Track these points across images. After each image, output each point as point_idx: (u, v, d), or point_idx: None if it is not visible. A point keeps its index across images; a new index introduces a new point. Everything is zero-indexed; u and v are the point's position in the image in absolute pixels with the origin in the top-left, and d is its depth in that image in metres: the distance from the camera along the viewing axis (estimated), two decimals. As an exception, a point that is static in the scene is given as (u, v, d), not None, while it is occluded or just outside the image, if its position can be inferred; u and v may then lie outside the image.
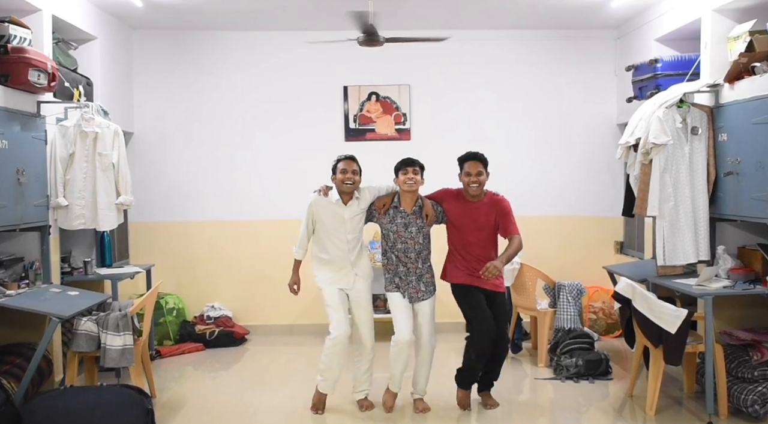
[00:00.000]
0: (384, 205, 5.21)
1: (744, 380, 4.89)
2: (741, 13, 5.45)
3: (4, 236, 5.48)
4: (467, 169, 5.19)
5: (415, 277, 5.19)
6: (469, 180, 5.14)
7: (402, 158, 5.25)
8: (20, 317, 5.02)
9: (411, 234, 5.16)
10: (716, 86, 5.44)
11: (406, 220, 5.18)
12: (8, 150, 4.93)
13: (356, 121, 7.83)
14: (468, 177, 5.16)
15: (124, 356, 5.09)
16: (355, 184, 5.17)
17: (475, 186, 5.12)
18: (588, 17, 7.30)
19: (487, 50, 7.84)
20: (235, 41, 7.76)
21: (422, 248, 5.20)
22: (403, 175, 5.14)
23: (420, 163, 5.22)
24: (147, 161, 7.61)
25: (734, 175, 5.16)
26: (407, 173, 5.12)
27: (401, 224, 5.17)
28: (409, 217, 5.18)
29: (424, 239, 5.20)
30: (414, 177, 5.12)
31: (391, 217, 5.19)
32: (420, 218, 5.18)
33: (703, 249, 5.44)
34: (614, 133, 7.70)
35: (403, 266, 5.19)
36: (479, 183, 5.14)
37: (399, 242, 5.18)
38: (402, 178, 5.15)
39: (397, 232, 5.18)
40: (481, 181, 5.16)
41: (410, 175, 5.11)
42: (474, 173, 5.14)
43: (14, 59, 4.94)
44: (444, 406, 5.38)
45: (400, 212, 5.19)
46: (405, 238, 5.17)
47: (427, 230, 5.23)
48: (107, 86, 6.83)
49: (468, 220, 5.16)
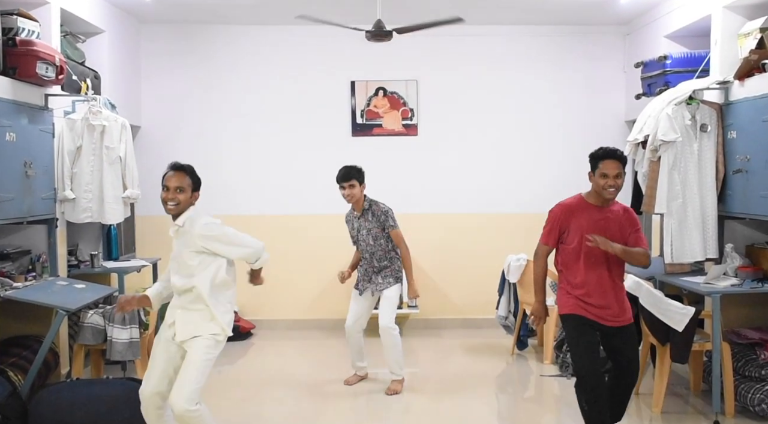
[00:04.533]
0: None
1: (751, 379, 4.87)
2: (752, 10, 5.41)
3: (12, 229, 5.49)
4: (604, 169, 4.25)
5: (373, 273, 5.65)
6: (606, 183, 4.22)
7: (340, 171, 5.60)
8: (27, 309, 5.04)
9: (362, 235, 5.65)
10: (726, 83, 5.41)
11: (358, 223, 5.67)
12: (16, 143, 4.94)
13: (363, 116, 7.82)
14: (605, 179, 4.23)
15: (130, 349, 5.11)
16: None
17: (612, 191, 4.23)
18: (597, 13, 7.27)
19: (495, 46, 7.82)
20: (242, 35, 7.75)
21: (374, 248, 5.60)
22: (342, 190, 5.57)
23: (355, 174, 5.55)
24: (154, 155, 7.61)
25: (743, 172, 5.13)
26: (344, 189, 5.55)
27: (356, 227, 5.69)
28: (359, 220, 5.65)
29: (374, 240, 5.60)
30: (351, 191, 5.54)
31: (351, 220, 5.74)
32: (368, 220, 5.61)
33: (711, 247, 5.41)
34: (623, 129, 7.67)
35: (367, 263, 5.68)
36: (617, 187, 4.24)
37: (361, 241, 5.68)
38: (342, 193, 5.59)
39: (353, 235, 5.74)
40: (619, 185, 4.25)
41: (347, 191, 5.54)
42: (612, 175, 4.22)
43: (22, 52, 4.93)
44: (444, 404, 5.38)
45: (355, 216, 5.69)
46: (360, 240, 5.68)
47: (377, 232, 5.59)
48: (115, 80, 6.83)
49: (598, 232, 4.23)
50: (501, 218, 7.74)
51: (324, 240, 7.61)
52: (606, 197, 4.26)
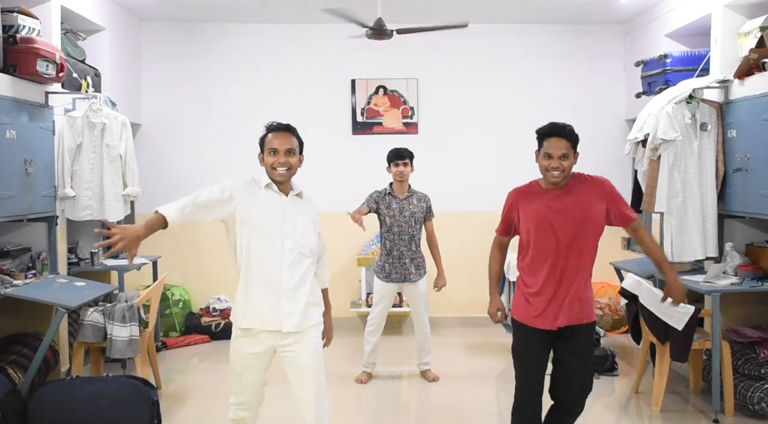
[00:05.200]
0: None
1: (751, 378, 4.87)
2: (752, 9, 5.41)
3: (12, 226, 5.50)
4: (548, 148, 3.73)
5: (409, 260, 5.61)
6: (549, 164, 3.71)
7: (393, 149, 5.73)
8: (27, 307, 5.04)
9: (404, 217, 5.60)
10: (726, 82, 5.41)
11: (400, 205, 5.62)
12: (16, 140, 4.94)
13: (364, 114, 7.82)
14: (548, 160, 3.71)
15: (130, 347, 5.11)
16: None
17: (556, 173, 3.70)
18: (598, 12, 7.27)
19: (495, 44, 7.82)
20: (243, 33, 7.75)
21: (413, 231, 5.62)
22: (395, 167, 5.65)
23: (408, 154, 5.69)
24: (154, 153, 7.62)
25: (743, 171, 5.13)
26: (398, 166, 5.63)
27: (396, 209, 5.61)
28: (402, 202, 5.62)
29: (415, 223, 5.62)
30: (404, 169, 5.64)
31: (387, 203, 5.63)
32: (413, 203, 5.64)
33: (711, 246, 5.41)
34: (623, 128, 7.67)
35: (397, 250, 5.60)
36: (563, 170, 3.68)
37: (395, 225, 5.59)
38: (394, 170, 5.66)
39: (393, 216, 5.61)
40: (566, 167, 3.68)
41: (400, 168, 5.63)
42: (557, 155, 3.68)
43: (23, 49, 4.93)
44: (444, 405, 5.38)
45: (395, 197, 5.64)
46: (400, 222, 5.59)
47: (419, 216, 5.64)
48: (115, 77, 6.83)
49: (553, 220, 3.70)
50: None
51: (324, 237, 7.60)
52: (550, 181, 3.73)
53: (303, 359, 3.44)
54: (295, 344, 3.45)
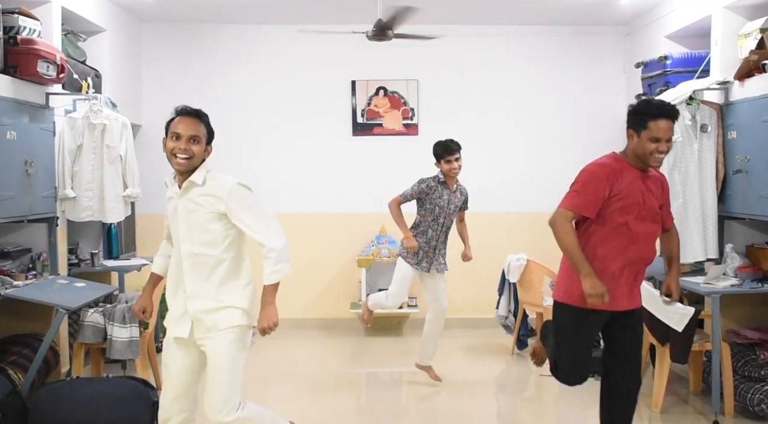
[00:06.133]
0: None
1: (751, 379, 4.87)
2: (752, 10, 5.41)
3: (12, 227, 5.50)
4: (656, 131, 3.50)
5: (439, 251, 5.62)
6: (657, 148, 3.51)
7: (444, 143, 5.56)
8: (27, 308, 5.04)
9: (450, 209, 5.59)
10: (726, 84, 5.41)
11: (449, 196, 5.58)
12: (17, 141, 4.94)
13: (364, 115, 7.82)
14: (656, 144, 3.50)
15: (130, 348, 5.11)
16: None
17: (662, 157, 3.54)
18: (598, 14, 7.27)
19: (495, 46, 7.82)
20: (243, 35, 7.75)
21: (450, 224, 5.65)
22: (447, 164, 5.50)
23: (459, 148, 5.56)
24: (154, 154, 7.51)
25: (743, 173, 5.13)
26: (451, 162, 5.50)
27: (447, 200, 5.56)
28: (451, 194, 5.59)
29: (454, 216, 5.67)
30: (460, 164, 5.54)
31: (440, 192, 5.55)
32: (458, 197, 5.63)
33: (712, 247, 5.41)
34: (623, 130, 7.62)
35: (435, 240, 5.57)
36: (667, 152, 3.55)
37: (442, 216, 5.56)
38: (446, 167, 5.51)
39: (443, 207, 5.56)
40: (671, 148, 3.56)
41: (453, 164, 5.51)
42: (665, 139, 3.51)
43: (23, 50, 4.93)
44: (447, 406, 5.38)
45: (447, 188, 5.57)
46: (447, 212, 5.58)
47: (456, 209, 5.65)
48: (116, 78, 6.83)
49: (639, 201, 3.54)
50: (501, 218, 7.74)
51: (324, 239, 7.62)
52: (652, 165, 3.57)
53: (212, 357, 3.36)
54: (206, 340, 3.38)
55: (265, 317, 3.37)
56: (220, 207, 3.35)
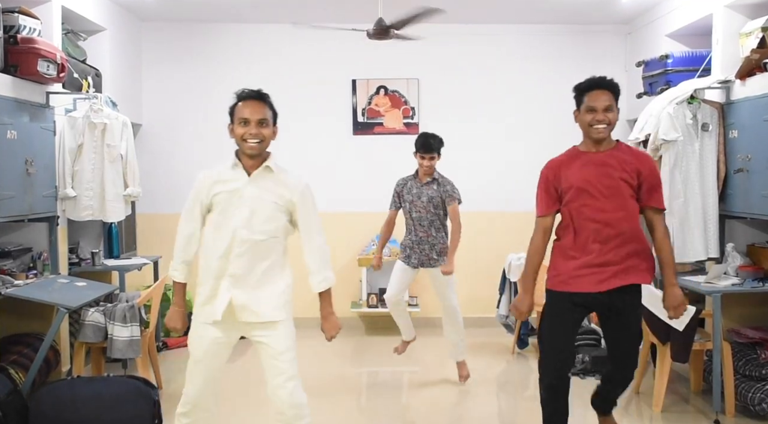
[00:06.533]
0: None
1: (752, 379, 4.86)
2: (753, 9, 5.41)
3: (13, 227, 5.50)
4: (590, 101, 3.57)
5: (428, 245, 5.53)
6: (594, 118, 3.56)
7: (424, 138, 5.59)
8: (28, 307, 5.04)
9: (422, 202, 5.53)
10: (727, 82, 5.40)
11: (419, 190, 5.54)
12: (17, 140, 4.94)
13: (364, 114, 7.82)
14: (592, 114, 3.56)
15: (131, 347, 5.11)
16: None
17: (602, 127, 3.55)
18: (598, 12, 7.26)
19: (496, 45, 7.81)
20: (244, 33, 7.75)
21: (432, 217, 5.53)
22: (421, 159, 5.52)
23: (437, 146, 5.55)
24: (155, 153, 7.61)
25: (744, 172, 5.12)
26: (424, 159, 5.50)
27: (416, 194, 5.54)
28: (422, 188, 5.55)
29: (434, 208, 5.53)
30: (431, 163, 5.52)
31: (409, 187, 5.59)
32: (433, 188, 5.53)
33: (713, 246, 5.41)
34: (624, 129, 7.65)
35: (416, 235, 5.55)
36: (609, 123, 3.55)
37: (414, 210, 5.55)
38: (418, 161, 5.55)
39: (412, 201, 5.56)
40: (611, 120, 3.55)
41: (427, 161, 5.50)
42: (601, 108, 3.55)
43: (24, 50, 4.93)
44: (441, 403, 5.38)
45: (416, 182, 5.58)
46: (418, 206, 5.54)
47: (437, 201, 5.53)
48: (116, 78, 6.83)
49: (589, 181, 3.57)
50: (501, 217, 7.73)
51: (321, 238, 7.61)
52: (595, 137, 3.56)
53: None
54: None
55: (330, 327, 3.53)
56: (292, 200, 3.39)
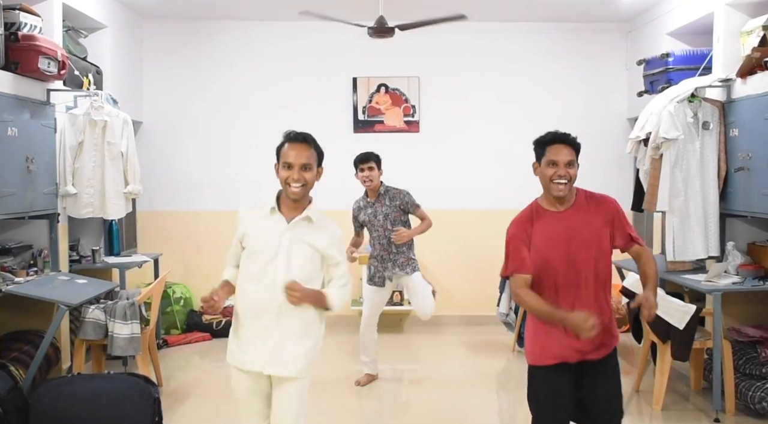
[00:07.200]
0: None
1: (752, 377, 4.87)
2: (754, 7, 5.40)
3: (13, 224, 5.50)
4: (552, 155, 3.41)
5: (390, 262, 5.50)
6: (555, 173, 3.36)
7: (359, 154, 5.54)
8: (28, 304, 5.04)
9: (379, 221, 5.48)
10: (728, 81, 5.40)
11: (373, 209, 5.50)
12: (18, 138, 4.93)
13: (365, 112, 7.82)
14: (554, 169, 3.38)
15: (131, 344, 5.11)
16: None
17: (562, 184, 3.34)
18: (600, 11, 7.26)
19: (497, 43, 7.81)
20: (244, 31, 7.75)
21: (390, 234, 5.45)
22: (360, 172, 5.48)
23: (374, 157, 5.49)
24: (155, 150, 7.61)
25: (745, 170, 5.12)
26: (363, 171, 5.46)
27: (371, 214, 5.52)
28: (375, 205, 5.50)
29: (392, 224, 5.46)
30: (369, 174, 5.45)
31: (363, 207, 5.57)
32: (385, 205, 5.47)
33: (713, 245, 5.41)
34: (624, 127, 7.66)
35: (380, 252, 5.52)
36: (569, 178, 3.35)
37: (373, 230, 5.52)
38: (360, 175, 5.49)
39: (369, 221, 5.53)
40: (572, 175, 3.36)
41: (366, 173, 5.45)
42: (563, 162, 3.38)
43: (24, 47, 4.92)
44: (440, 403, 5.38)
45: (368, 202, 5.54)
46: (376, 225, 5.50)
47: (395, 216, 5.47)
48: (117, 75, 6.83)
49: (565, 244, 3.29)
50: (502, 215, 7.60)
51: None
52: (555, 194, 3.35)
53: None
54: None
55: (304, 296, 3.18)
56: (325, 247, 3.28)
